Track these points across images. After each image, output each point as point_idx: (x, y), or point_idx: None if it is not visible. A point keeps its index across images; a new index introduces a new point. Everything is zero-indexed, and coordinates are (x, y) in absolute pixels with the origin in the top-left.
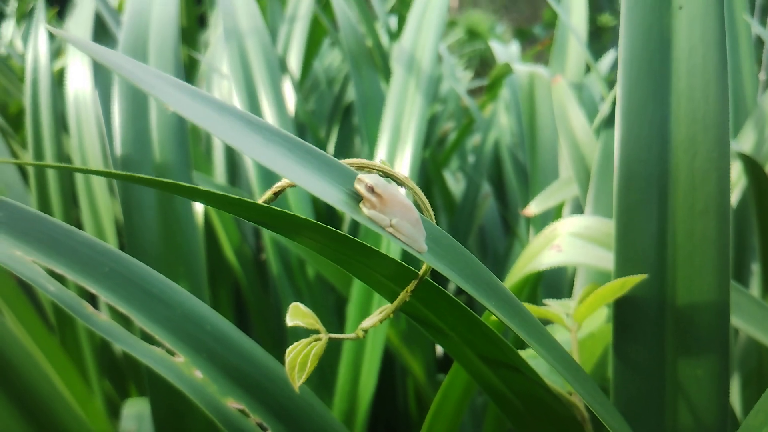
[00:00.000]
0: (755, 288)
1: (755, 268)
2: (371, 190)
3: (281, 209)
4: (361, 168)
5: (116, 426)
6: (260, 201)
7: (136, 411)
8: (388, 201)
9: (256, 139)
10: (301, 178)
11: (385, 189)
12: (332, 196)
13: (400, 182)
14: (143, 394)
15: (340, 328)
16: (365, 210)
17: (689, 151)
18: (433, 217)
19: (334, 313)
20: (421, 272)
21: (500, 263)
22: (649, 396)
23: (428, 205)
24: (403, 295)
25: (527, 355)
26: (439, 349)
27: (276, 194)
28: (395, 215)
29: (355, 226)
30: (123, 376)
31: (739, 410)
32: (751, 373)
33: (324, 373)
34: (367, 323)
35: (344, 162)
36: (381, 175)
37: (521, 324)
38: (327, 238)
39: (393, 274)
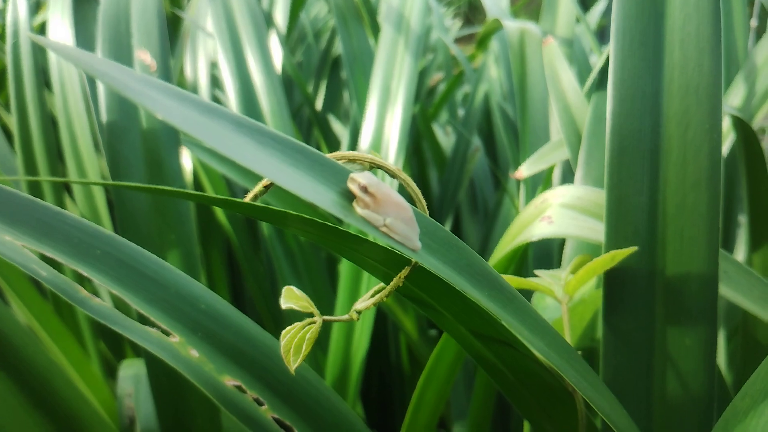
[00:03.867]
0: (743, 239)
1: (743, 219)
2: (365, 189)
3: (268, 206)
4: (353, 160)
5: (114, 388)
6: (249, 196)
7: (132, 372)
8: (381, 200)
9: (248, 141)
10: (294, 183)
11: (379, 188)
12: (324, 199)
13: (392, 173)
14: (138, 355)
15: (332, 289)
16: (359, 209)
17: (682, 123)
18: (426, 208)
19: (325, 272)
20: (414, 260)
21: (490, 218)
22: (638, 365)
23: (421, 197)
24: (396, 281)
25: None
26: None
27: (266, 187)
28: (389, 214)
29: None
30: (118, 337)
31: (724, 365)
32: (736, 327)
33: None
34: (360, 305)
35: (335, 155)
36: (372, 167)
37: (515, 312)
38: (314, 228)
39: (384, 260)
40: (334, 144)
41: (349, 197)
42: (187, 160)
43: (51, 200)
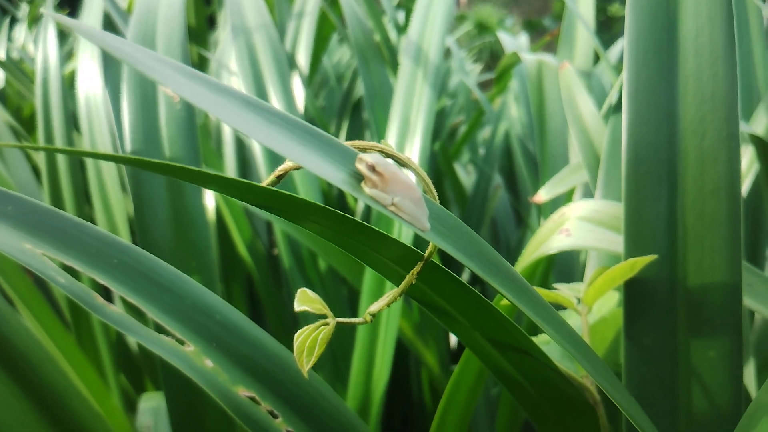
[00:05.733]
0: None
1: None
2: (372, 168)
3: (285, 192)
4: (363, 149)
5: (133, 420)
6: (263, 184)
7: (152, 405)
8: (389, 180)
9: (257, 120)
10: (303, 157)
11: (386, 168)
12: (333, 175)
13: (402, 163)
14: (159, 389)
15: None
16: (367, 189)
17: (698, 131)
18: (437, 197)
19: (346, 305)
20: (426, 253)
21: (513, 254)
22: (662, 378)
23: (431, 186)
24: (409, 278)
25: (539, 341)
26: (453, 341)
27: (279, 178)
28: (397, 194)
29: (367, 215)
30: (139, 372)
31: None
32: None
33: (338, 365)
34: (374, 307)
35: (346, 143)
36: (384, 157)
37: (529, 303)
38: (331, 220)
39: (399, 258)
40: None
41: (358, 178)
42: (209, 195)
43: None
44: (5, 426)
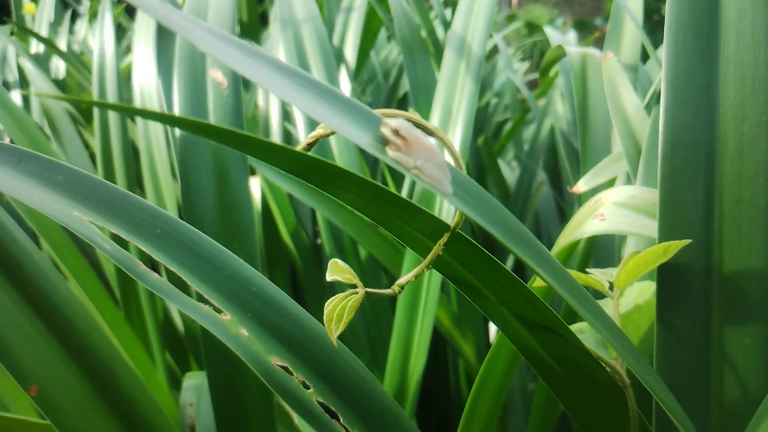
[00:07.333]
0: None
1: None
2: (396, 132)
3: (319, 157)
4: (390, 116)
5: (177, 397)
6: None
7: (195, 383)
8: (412, 144)
9: (287, 82)
10: (330, 119)
11: (410, 132)
12: (359, 137)
13: (429, 132)
14: (203, 368)
15: (392, 308)
16: (390, 152)
17: (737, 116)
18: (463, 166)
19: None
20: (452, 224)
21: None
22: (695, 364)
23: (458, 156)
24: (437, 248)
25: (574, 330)
26: (491, 334)
27: (310, 145)
28: (420, 157)
29: (410, 196)
30: (184, 351)
31: None
32: None
33: (375, 352)
34: (403, 279)
35: (375, 111)
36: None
37: (552, 273)
38: (363, 190)
39: (432, 232)
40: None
41: (383, 142)
42: (255, 185)
43: None
44: (53, 389)
